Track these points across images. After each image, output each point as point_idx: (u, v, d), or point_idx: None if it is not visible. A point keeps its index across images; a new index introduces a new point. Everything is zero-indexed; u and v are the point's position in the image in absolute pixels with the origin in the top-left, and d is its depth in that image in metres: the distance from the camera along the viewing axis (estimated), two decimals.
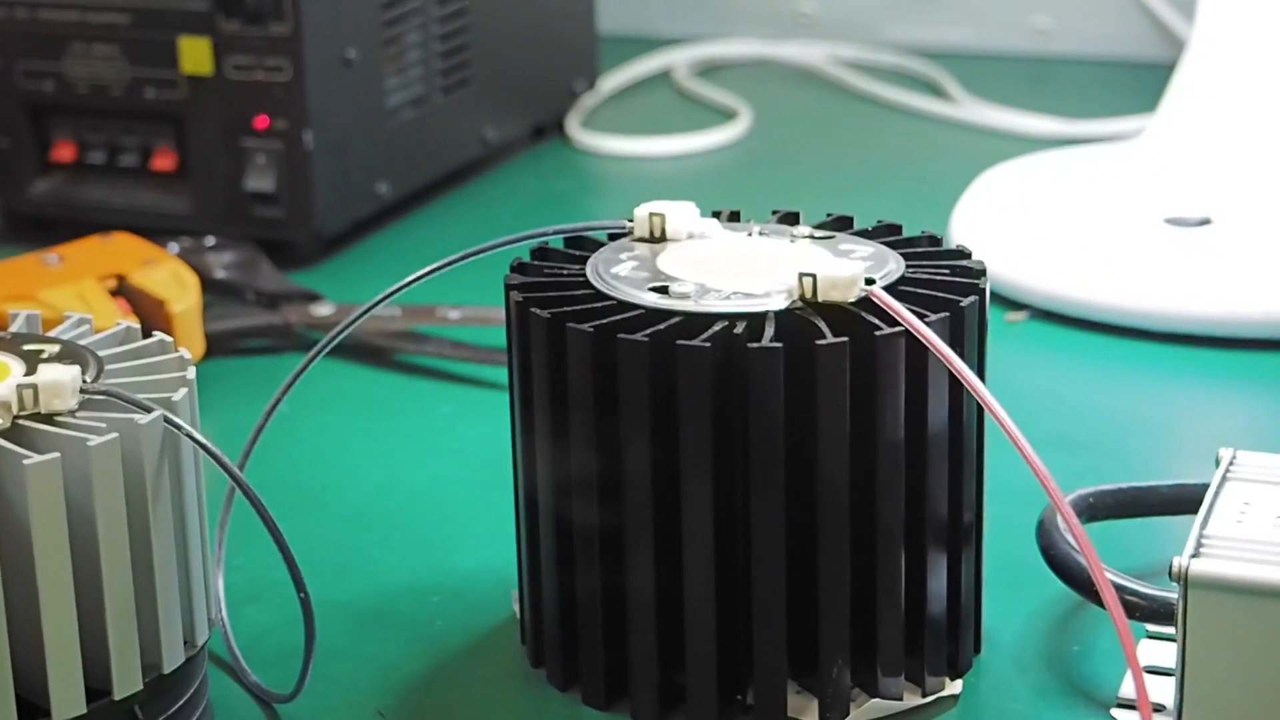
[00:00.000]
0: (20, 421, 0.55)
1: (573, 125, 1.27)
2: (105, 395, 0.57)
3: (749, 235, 0.66)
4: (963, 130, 1.27)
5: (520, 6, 1.21)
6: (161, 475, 0.57)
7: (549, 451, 0.62)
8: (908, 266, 0.63)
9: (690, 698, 0.62)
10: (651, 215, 0.66)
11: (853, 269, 0.60)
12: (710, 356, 0.59)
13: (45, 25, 1.06)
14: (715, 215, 0.68)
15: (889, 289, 0.61)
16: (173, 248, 0.97)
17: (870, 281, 0.61)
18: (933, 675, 0.63)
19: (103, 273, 0.91)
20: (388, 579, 0.73)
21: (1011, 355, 0.91)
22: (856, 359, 0.59)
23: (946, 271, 0.64)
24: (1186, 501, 0.68)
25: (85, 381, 0.57)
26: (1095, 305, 0.94)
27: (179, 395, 0.58)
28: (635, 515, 0.61)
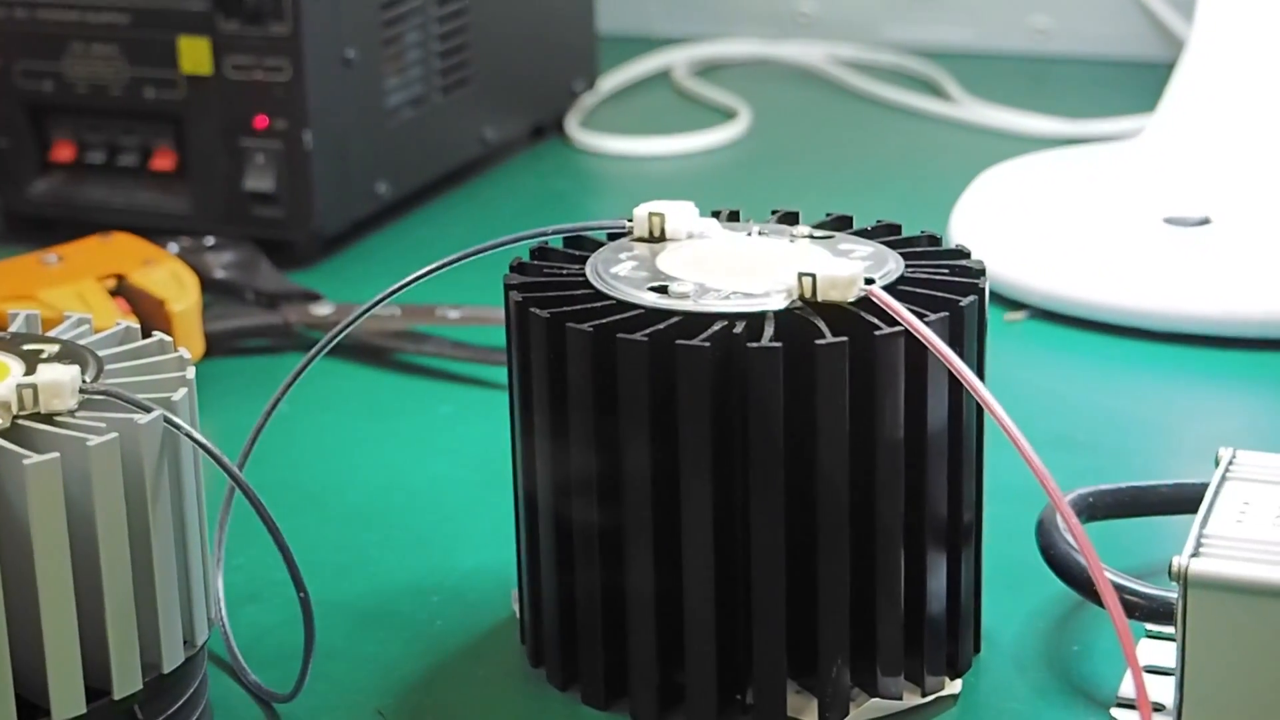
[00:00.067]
0: (20, 421, 0.55)
1: (572, 125, 1.27)
2: (105, 395, 0.57)
3: (748, 235, 0.66)
4: (962, 130, 1.27)
5: (519, 6, 1.21)
6: (161, 475, 0.57)
7: (549, 451, 0.62)
8: (907, 266, 0.63)
9: (690, 697, 0.62)
10: (651, 215, 0.66)
11: (852, 269, 0.60)
12: (710, 356, 0.59)
13: (45, 25, 1.05)
14: (714, 215, 0.68)
15: (888, 289, 0.61)
16: (172, 247, 0.97)
17: (870, 281, 0.61)
18: (932, 675, 0.63)
19: (102, 273, 0.91)
20: (387, 579, 0.72)
21: (1011, 355, 0.91)
22: (856, 359, 0.59)
23: (946, 271, 0.64)
24: (1186, 501, 0.68)
25: (85, 381, 0.57)
26: (1095, 305, 0.94)
27: (178, 395, 0.58)
28: (635, 515, 0.61)
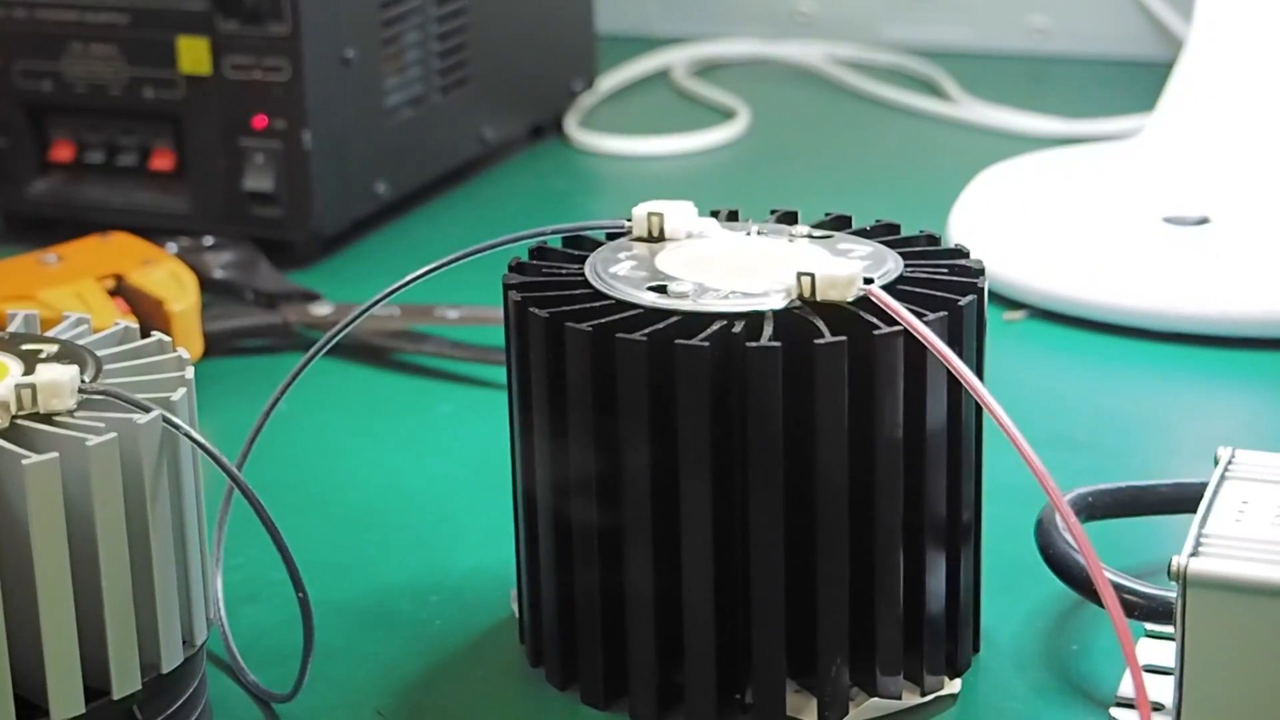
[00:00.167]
0: (19, 421, 0.55)
1: (571, 125, 1.27)
2: (104, 395, 0.57)
3: (747, 235, 0.66)
4: (961, 129, 1.27)
5: (518, 6, 1.21)
6: (160, 475, 0.57)
7: (548, 451, 0.62)
8: (906, 266, 0.63)
9: (689, 697, 0.62)
10: (650, 215, 0.66)
11: (851, 268, 0.60)
12: (709, 356, 0.59)
13: (43, 25, 1.05)
14: (713, 215, 0.68)
15: (887, 288, 0.61)
16: (171, 247, 0.97)
17: (869, 281, 0.61)
18: (931, 674, 0.63)
19: (101, 272, 0.91)
20: (386, 579, 0.72)
21: (1010, 354, 0.91)
22: (855, 358, 0.59)
23: (945, 271, 0.64)
24: (1185, 500, 0.68)
25: (84, 381, 0.57)
26: (1094, 304, 0.94)
27: (177, 395, 0.58)
28: (634, 514, 0.61)
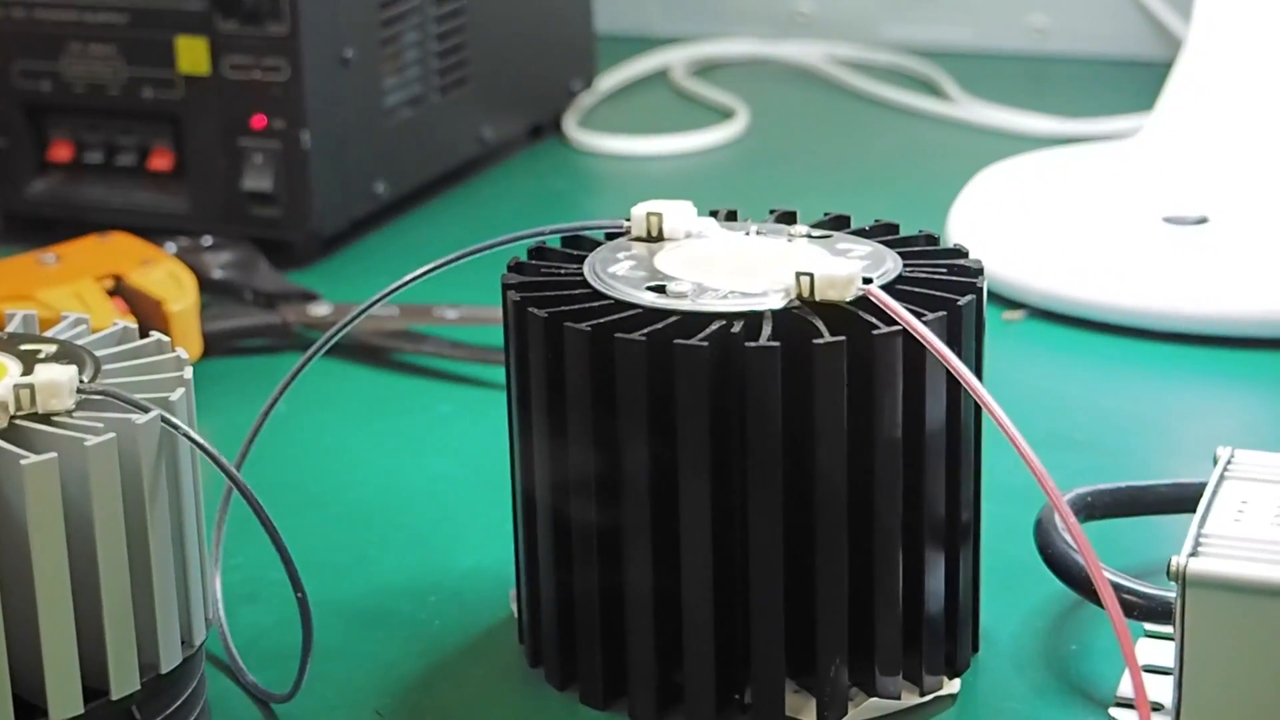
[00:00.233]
0: (17, 421, 0.55)
1: (570, 125, 1.27)
2: (102, 395, 0.57)
3: (746, 234, 0.66)
4: (960, 129, 1.27)
5: (517, 6, 1.21)
6: (159, 475, 0.57)
7: (547, 451, 0.62)
8: (905, 265, 0.63)
9: (688, 697, 0.62)
10: (649, 214, 0.66)
11: (850, 268, 0.60)
12: (708, 356, 0.59)
13: (42, 25, 1.05)
14: (712, 214, 0.68)
15: (886, 288, 0.61)
16: (170, 247, 0.97)
17: (868, 280, 0.61)
18: (930, 674, 0.63)
19: (100, 272, 0.91)
20: (385, 579, 0.72)
21: (1009, 354, 0.91)
22: (854, 358, 0.59)
23: (944, 270, 0.64)
24: (1184, 500, 0.68)
25: (82, 381, 0.57)
26: (1093, 304, 0.94)
27: (176, 395, 0.58)
28: (633, 514, 0.61)
